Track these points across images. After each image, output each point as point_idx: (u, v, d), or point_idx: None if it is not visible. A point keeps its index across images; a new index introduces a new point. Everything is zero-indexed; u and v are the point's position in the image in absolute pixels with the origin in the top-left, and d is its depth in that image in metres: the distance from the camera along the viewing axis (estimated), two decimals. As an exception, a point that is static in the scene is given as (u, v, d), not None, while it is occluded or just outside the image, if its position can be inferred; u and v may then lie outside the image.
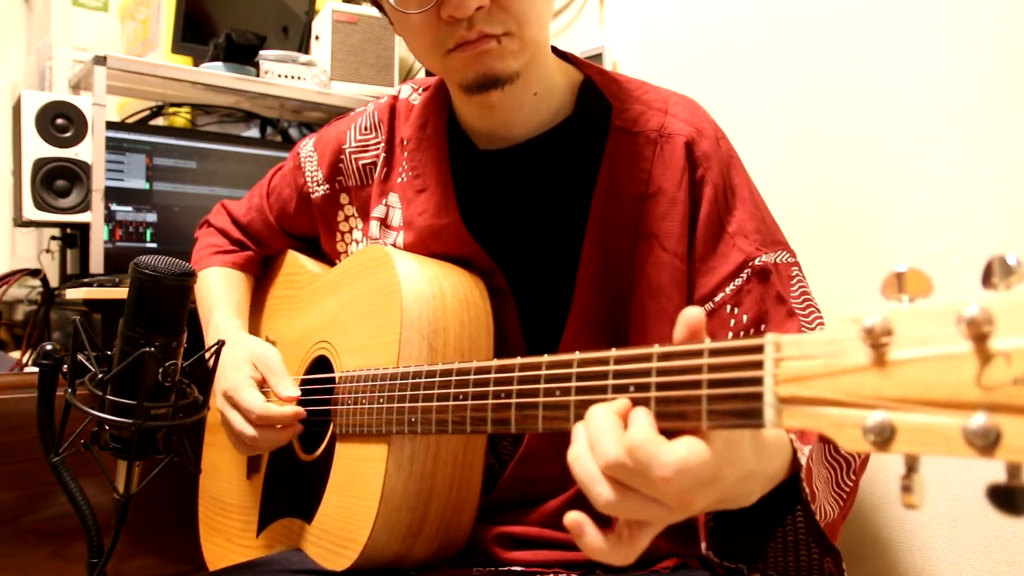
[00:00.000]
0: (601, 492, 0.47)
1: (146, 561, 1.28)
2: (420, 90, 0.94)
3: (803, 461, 0.60)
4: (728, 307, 0.77)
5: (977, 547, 0.95)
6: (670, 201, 0.79)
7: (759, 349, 0.43)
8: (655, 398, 0.48)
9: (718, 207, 0.79)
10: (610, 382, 0.51)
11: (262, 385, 0.87)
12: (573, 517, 0.48)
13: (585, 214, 0.81)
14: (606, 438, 0.47)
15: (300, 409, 0.83)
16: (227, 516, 1.04)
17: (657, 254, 0.79)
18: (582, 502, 0.82)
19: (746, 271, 0.77)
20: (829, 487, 0.66)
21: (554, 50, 0.87)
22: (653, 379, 0.48)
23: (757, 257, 0.77)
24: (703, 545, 0.64)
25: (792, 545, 0.65)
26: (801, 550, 0.65)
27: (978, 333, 0.34)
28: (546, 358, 0.57)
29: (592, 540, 0.48)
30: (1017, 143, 0.92)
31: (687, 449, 0.45)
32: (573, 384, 0.54)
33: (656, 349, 0.49)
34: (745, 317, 0.76)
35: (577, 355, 0.54)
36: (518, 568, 0.80)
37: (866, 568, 1.06)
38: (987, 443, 0.33)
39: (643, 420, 0.47)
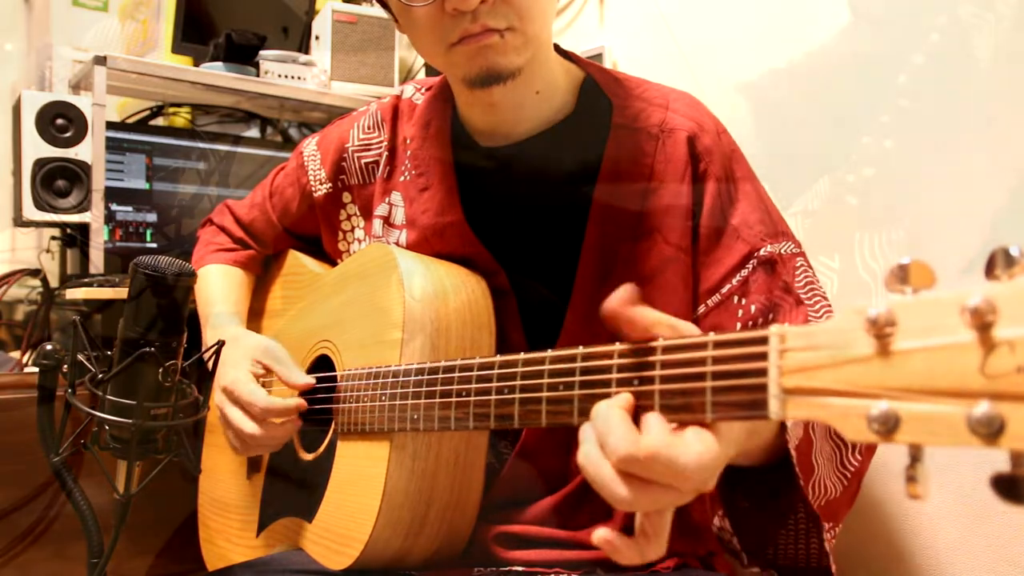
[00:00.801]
0: (617, 491, 0.46)
1: (146, 561, 1.28)
2: (423, 90, 0.94)
3: (790, 430, 0.61)
4: (735, 298, 0.77)
5: (978, 546, 0.95)
6: (673, 195, 0.79)
7: (763, 341, 0.43)
8: (659, 391, 0.48)
9: (721, 200, 0.79)
10: (614, 376, 0.51)
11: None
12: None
13: (587, 211, 0.81)
14: (615, 434, 0.46)
15: (301, 400, 0.83)
16: (227, 516, 1.04)
17: (660, 248, 0.79)
18: (581, 499, 0.81)
19: (752, 262, 0.77)
20: (833, 464, 0.66)
21: (557, 49, 0.87)
22: (657, 372, 0.48)
23: (762, 248, 0.77)
24: (718, 516, 0.64)
25: (804, 534, 0.65)
26: (812, 538, 0.65)
27: (982, 323, 0.34)
28: (549, 353, 0.57)
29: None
30: (1018, 142, 0.92)
31: (702, 444, 0.45)
32: (577, 379, 0.53)
33: (660, 343, 0.49)
34: (753, 307, 0.76)
35: (581, 349, 0.54)
36: (519, 568, 0.79)
37: (867, 568, 1.06)
38: (991, 431, 0.33)
39: (657, 425, 0.46)
